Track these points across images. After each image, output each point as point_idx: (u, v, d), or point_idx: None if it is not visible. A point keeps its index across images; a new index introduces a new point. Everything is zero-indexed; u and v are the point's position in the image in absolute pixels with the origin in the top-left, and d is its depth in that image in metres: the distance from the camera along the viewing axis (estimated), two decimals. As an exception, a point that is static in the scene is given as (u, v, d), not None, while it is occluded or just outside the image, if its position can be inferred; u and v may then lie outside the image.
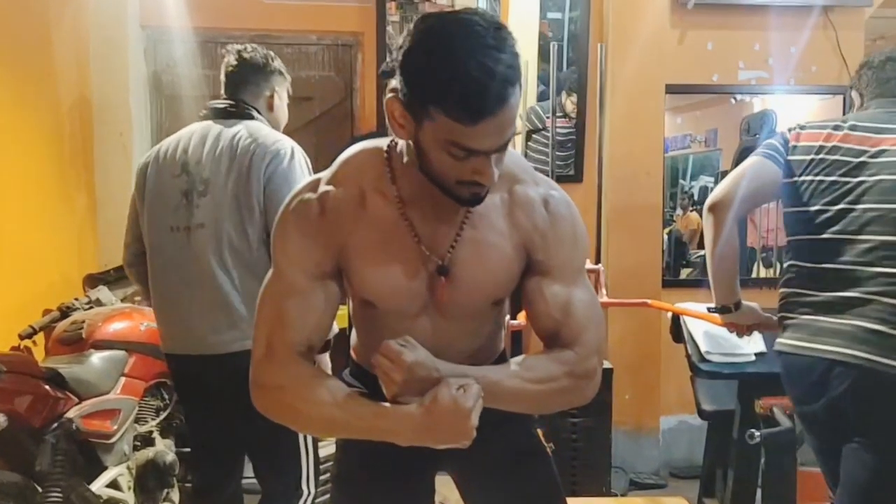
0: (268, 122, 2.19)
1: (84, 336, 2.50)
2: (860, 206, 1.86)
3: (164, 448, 2.66)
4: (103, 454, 2.39)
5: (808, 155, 1.96)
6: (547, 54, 3.54)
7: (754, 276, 3.91)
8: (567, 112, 3.74)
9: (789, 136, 2.02)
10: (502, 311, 1.43)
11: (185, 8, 3.44)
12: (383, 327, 1.31)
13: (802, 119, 2.15)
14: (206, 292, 2.05)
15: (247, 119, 2.15)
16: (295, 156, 2.08)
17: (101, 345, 2.50)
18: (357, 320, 1.41)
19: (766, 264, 3.99)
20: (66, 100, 3.28)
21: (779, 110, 3.75)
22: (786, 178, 1.98)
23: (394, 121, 1.16)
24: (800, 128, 2.03)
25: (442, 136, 1.10)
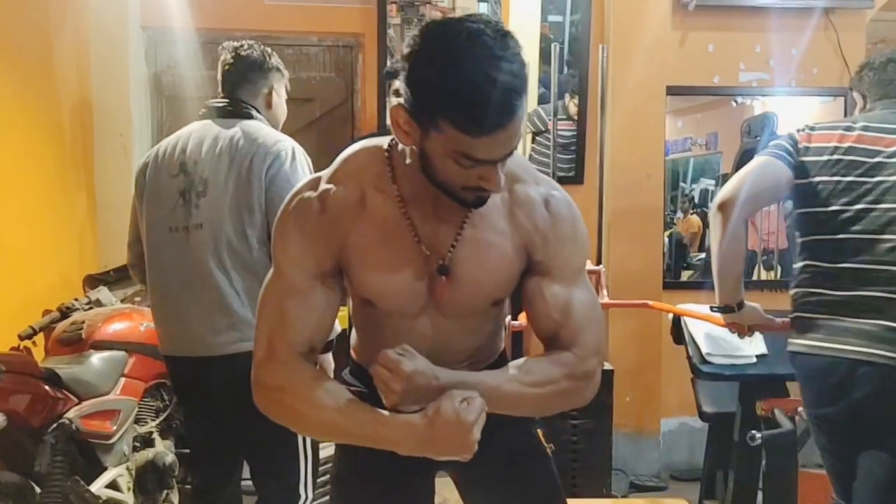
0: (267, 121, 2.17)
1: (84, 336, 2.49)
2: (881, 205, 1.88)
3: (164, 449, 2.65)
4: (103, 455, 2.38)
5: (823, 156, 1.96)
6: (547, 56, 3.54)
7: (755, 279, 3.90)
8: (570, 114, 3.74)
9: (798, 136, 2.01)
10: (502, 311, 1.43)
11: (185, 9, 3.44)
12: (383, 326, 1.31)
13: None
14: (205, 293, 2.03)
15: (246, 118, 2.12)
16: (296, 156, 2.06)
17: (100, 345, 2.49)
18: (357, 320, 1.40)
19: (767, 267, 4.00)
20: (67, 101, 3.28)
21: (779, 112, 3.75)
22: (799, 179, 1.98)
23: (398, 128, 1.15)
24: (809, 129, 2.02)
25: (450, 147, 1.10)
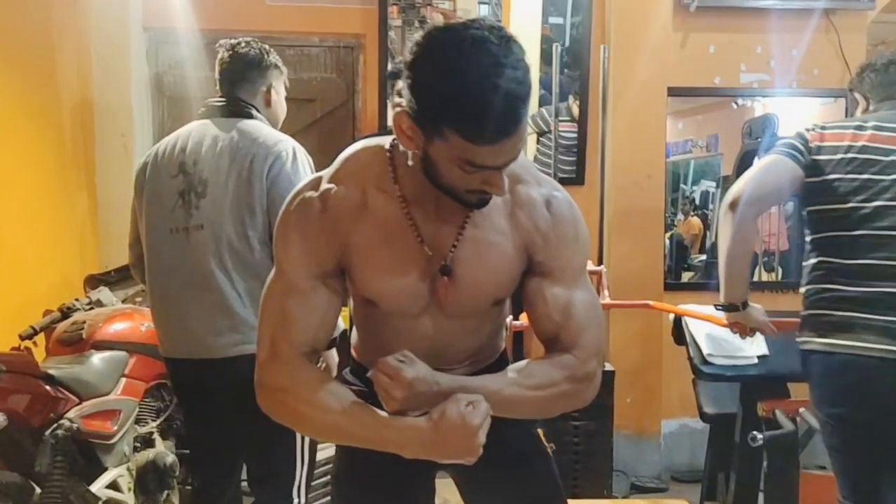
0: (266, 119, 2.16)
1: (84, 337, 2.49)
2: None
3: (165, 449, 2.65)
4: (103, 455, 2.38)
5: (836, 154, 1.95)
6: (548, 58, 3.54)
7: (756, 280, 3.90)
8: (574, 116, 3.74)
9: (808, 136, 2.01)
10: (503, 311, 1.43)
11: (187, 10, 3.44)
12: (385, 326, 1.31)
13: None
14: (206, 295, 2.02)
15: (246, 118, 2.11)
16: (297, 156, 2.04)
17: (101, 345, 2.49)
18: (358, 319, 1.40)
19: (768, 268, 3.99)
20: (68, 101, 3.28)
21: (780, 114, 3.75)
22: (811, 178, 1.97)
23: (402, 133, 1.14)
24: (820, 128, 2.02)
25: (454, 154, 1.10)
